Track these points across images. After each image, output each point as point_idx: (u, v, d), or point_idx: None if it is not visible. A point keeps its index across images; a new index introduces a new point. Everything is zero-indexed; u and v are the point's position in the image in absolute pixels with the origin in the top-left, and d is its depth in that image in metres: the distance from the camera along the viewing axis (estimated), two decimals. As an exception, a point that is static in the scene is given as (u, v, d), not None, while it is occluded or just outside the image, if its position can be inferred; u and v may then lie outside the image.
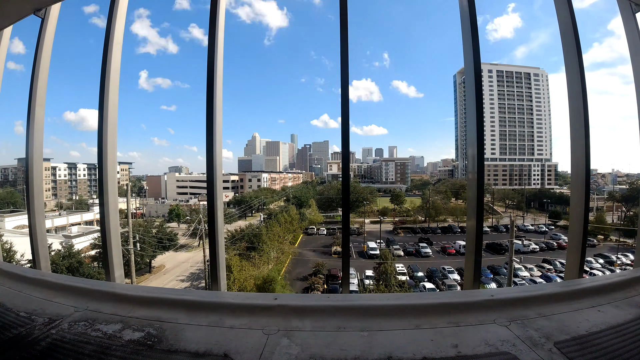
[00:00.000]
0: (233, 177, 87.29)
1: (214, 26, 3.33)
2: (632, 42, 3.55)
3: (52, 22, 3.93)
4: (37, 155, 3.90)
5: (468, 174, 3.32)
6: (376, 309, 2.37)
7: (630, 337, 2.02)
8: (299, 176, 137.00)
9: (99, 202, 3.58)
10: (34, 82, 3.85)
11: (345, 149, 3.34)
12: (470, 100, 3.19)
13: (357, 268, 30.48)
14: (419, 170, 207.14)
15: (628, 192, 58.79)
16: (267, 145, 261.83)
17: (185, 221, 50.68)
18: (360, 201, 59.81)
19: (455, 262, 33.71)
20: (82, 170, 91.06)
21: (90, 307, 2.51)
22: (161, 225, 36.94)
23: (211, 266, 3.25)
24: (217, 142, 3.23)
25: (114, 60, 3.58)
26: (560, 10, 3.33)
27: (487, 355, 1.87)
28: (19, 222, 34.63)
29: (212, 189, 3.22)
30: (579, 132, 3.15)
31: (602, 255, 33.93)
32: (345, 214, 3.28)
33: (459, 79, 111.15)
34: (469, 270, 3.15)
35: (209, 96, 3.22)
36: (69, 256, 24.27)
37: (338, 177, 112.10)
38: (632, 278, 2.83)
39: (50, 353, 1.92)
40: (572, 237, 3.23)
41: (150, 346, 2.00)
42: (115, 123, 3.59)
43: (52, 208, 64.25)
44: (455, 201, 66.93)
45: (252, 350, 1.93)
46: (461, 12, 3.31)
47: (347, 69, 3.20)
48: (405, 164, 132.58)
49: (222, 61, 3.42)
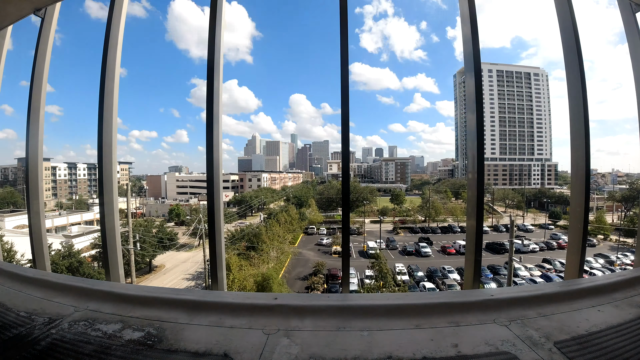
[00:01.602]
0: (233, 176, 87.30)
1: (214, 26, 3.33)
2: (632, 42, 3.55)
3: (52, 22, 3.93)
4: (37, 155, 3.90)
5: (468, 173, 3.33)
6: (376, 309, 2.37)
7: (630, 337, 2.02)
8: (299, 176, 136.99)
9: (99, 202, 3.58)
10: (34, 81, 3.85)
11: (345, 149, 3.34)
12: (470, 100, 3.19)
13: (357, 268, 30.52)
14: (419, 170, 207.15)
15: (628, 192, 58.78)
16: (267, 145, 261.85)
17: (185, 221, 50.71)
18: (360, 201, 59.82)
19: (455, 262, 33.73)
20: (82, 170, 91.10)
21: (90, 307, 2.51)
22: (161, 225, 36.95)
23: (211, 266, 3.25)
24: (216, 142, 3.23)
25: (114, 60, 3.58)
26: (560, 10, 3.33)
27: (487, 355, 1.87)
28: (19, 222, 34.62)
29: (212, 189, 3.22)
30: (579, 132, 3.15)
31: (602, 255, 33.95)
32: (345, 214, 3.28)
33: (459, 79, 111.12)
34: (469, 270, 3.15)
35: (208, 96, 3.23)
36: (69, 256, 24.30)
37: (338, 176, 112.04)
38: (632, 278, 2.83)
39: (50, 353, 1.92)
40: (572, 237, 3.23)
41: (151, 346, 2.00)
42: (115, 123, 3.59)
43: (52, 208, 64.22)
44: (455, 201, 66.97)
45: (252, 350, 1.93)
46: (461, 12, 3.31)
47: (347, 69, 3.20)
48: (405, 163, 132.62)
49: (221, 61, 3.42)
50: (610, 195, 60.93)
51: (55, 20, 3.97)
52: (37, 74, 3.86)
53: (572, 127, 3.22)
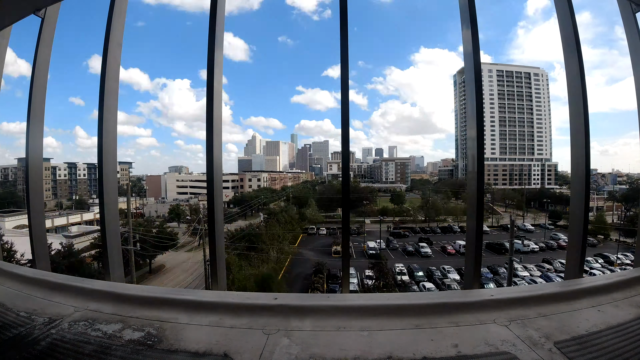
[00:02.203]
0: (233, 176, 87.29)
1: (214, 26, 3.32)
2: (632, 42, 3.55)
3: (52, 22, 3.93)
4: (37, 155, 3.90)
5: (468, 173, 3.32)
6: (376, 309, 2.37)
7: (630, 337, 2.02)
8: (299, 176, 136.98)
9: (99, 202, 3.58)
10: (34, 81, 3.85)
11: (345, 149, 3.34)
12: (470, 100, 3.19)
13: (357, 268, 30.51)
14: (419, 170, 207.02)
15: (628, 192, 58.76)
16: (267, 145, 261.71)
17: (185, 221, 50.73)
18: (360, 201, 59.80)
19: (456, 262, 33.73)
20: (82, 170, 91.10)
21: (90, 307, 2.51)
22: (161, 225, 36.95)
23: (211, 266, 3.25)
24: (216, 142, 3.23)
25: (114, 60, 3.57)
26: (560, 10, 3.33)
27: (487, 355, 1.87)
28: (19, 222, 34.62)
29: (212, 189, 3.22)
30: (579, 132, 3.15)
31: (602, 255, 33.93)
32: (345, 214, 3.28)
33: (459, 79, 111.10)
34: (469, 270, 3.15)
35: (208, 96, 3.22)
36: (69, 256, 24.29)
37: (338, 176, 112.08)
38: (632, 278, 2.83)
39: (50, 353, 1.92)
40: (572, 237, 3.22)
41: (151, 346, 2.00)
42: (115, 123, 3.58)
43: (52, 208, 64.20)
44: (455, 201, 66.97)
45: (252, 350, 1.93)
46: (461, 13, 3.31)
47: (347, 69, 3.20)
48: (405, 163, 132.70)
49: (221, 61, 3.42)
50: (610, 195, 60.92)
51: (55, 20, 3.97)
52: (37, 74, 3.86)
53: (572, 127, 3.22)
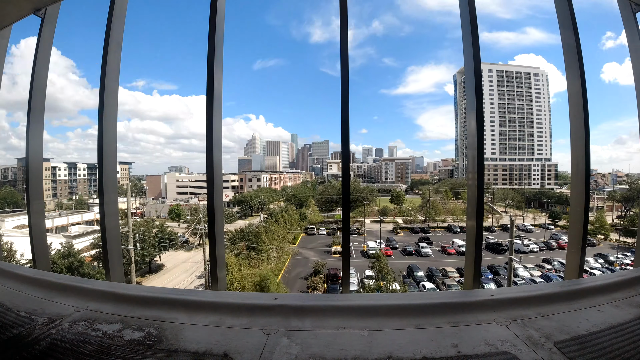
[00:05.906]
0: (233, 177, 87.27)
1: (214, 25, 3.32)
2: (632, 42, 3.55)
3: (52, 22, 3.93)
4: (37, 155, 3.90)
5: (468, 173, 3.32)
6: (376, 308, 2.37)
7: (630, 337, 2.02)
8: (299, 176, 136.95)
9: (99, 202, 3.57)
10: (34, 81, 3.85)
11: (345, 149, 3.34)
12: (470, 100, 3.19)
13: (357, 268, 30.51)
14: (419, 170, 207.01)
15: (628, 192, 58.76)
16: (267, 145, 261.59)
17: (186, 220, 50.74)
18: (360, 201, 59.83)
19: (455, 262, 33.73)
20: (82, 170, 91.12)
21: (90, 307, 2.51)
22: (161, 225, 36.96)
23: (211, 266, 3.25)
24: (216, 142, 3.23)
25: (114, 60, 3.57)
26: (560, 10, 3.33)
27: (487, 355, 1.87)
28: (19, 222, 34.62)
29: (212, 189, 3.22)
30: (579, 132, 3.15)
31: (602, 255, 33.94)
32: (345, 214, 3.28)
33: (459, 79, 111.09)
34: (469, 270, 3.14)
35: (208, 96, 3.22)
36: (69, 256, 24.30)
37: (338, 176, 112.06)
38: (632, 278, 2.83)
39: (50, 353, 1.92)
40: (572, 237, 3.22)
41: (150, 346, 2.00)
42: (115, 123, 3.58)
43: (52, 208, 64.20)
44: (455, 201, 66.97)
45: (252, 350, 1.93)
46: (461, 12, 3.31)
47: (347, 69, 3.20)
48: (405, 163, 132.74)
49: (222, 61, 3.42)
50: (610, 196, 60.92)
51: (55, 20, 3.97)
52: (37, 74, 3.86)
53: (572, 127, 3.22)
